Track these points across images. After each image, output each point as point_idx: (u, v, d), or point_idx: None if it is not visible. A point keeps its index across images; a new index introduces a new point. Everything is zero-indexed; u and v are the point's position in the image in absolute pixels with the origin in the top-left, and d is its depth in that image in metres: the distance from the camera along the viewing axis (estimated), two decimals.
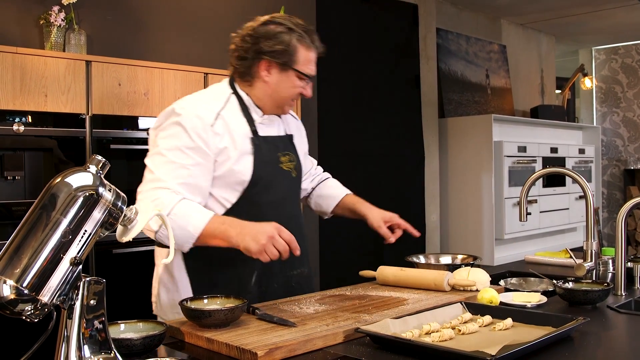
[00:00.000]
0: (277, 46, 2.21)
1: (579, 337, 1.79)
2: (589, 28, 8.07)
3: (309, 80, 2.31)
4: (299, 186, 2.48)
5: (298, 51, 2.23)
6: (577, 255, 2.72)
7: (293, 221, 2.34)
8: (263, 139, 2.28)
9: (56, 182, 1.37)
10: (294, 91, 2.28)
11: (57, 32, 3.52)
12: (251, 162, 2.21)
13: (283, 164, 2.33)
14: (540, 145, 6.54)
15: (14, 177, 3.22)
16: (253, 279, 2.26)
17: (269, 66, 2.24)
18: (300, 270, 2.40)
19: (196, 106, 2.20)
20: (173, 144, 2.13)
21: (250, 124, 2.27)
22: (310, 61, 2.27)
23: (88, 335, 1.40)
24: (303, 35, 2.24)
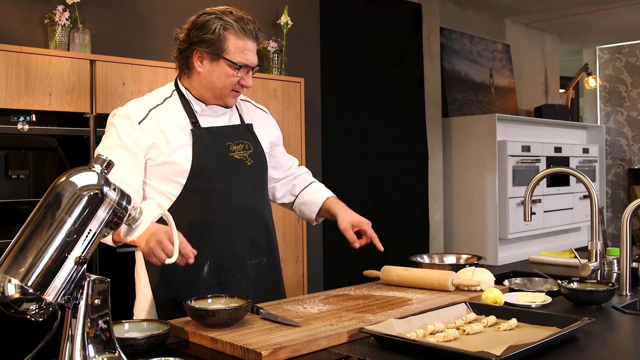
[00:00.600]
0: (205, 35, 2.22)
1: (584, 337, 1.79)
2: (593, 27, 8.05)
3: (247, 69, 2.27)
4: (260, 174, 2.44)
5: (227, 40, 2.22)
6: (582, 255, 2.72)
7: (248, 209, 2.34)
8: (206, 130, 2.28)
9: (61, 182, 1.37)
10: (228, 81, 2.26)
11: (61, 31, 3.52)
12: (190, 153, 2.22)
13: (235, 152, 2.32)
14: (544, 144, 6.53)
15: (18, 176, 3.22)
16: (205, 270, 2.24)
17: (200, 56, 2.26)
18: (258, 259, 2.37)
19: (129, 107, 2.26)
20: (105, 143, 2.22)
21: (191, 116, 2.28)
22: (243, 50, 2.24)
23: (92, 334, 1.40)
24: (232, 23, 2.22)
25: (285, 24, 4.58)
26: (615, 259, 2.69)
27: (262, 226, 2.40)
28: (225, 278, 2.27)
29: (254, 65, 2.28)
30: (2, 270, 1.30)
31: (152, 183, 2.25)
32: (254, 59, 2.28)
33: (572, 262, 3.02)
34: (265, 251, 2.40)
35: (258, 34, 2.29)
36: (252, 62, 2.27)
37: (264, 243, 2.40)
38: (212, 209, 2.24)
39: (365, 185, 5.50)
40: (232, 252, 2.28)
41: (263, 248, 2.39)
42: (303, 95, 4.53)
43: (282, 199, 2.70)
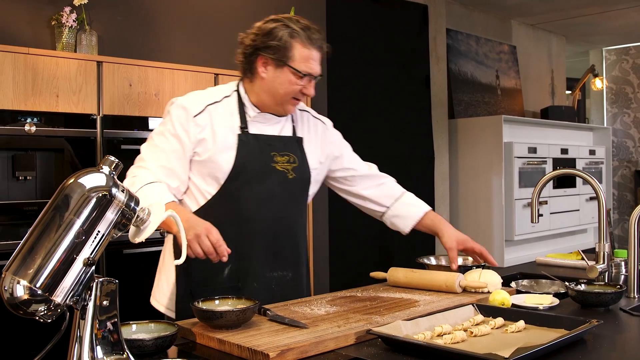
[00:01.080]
0: (272, 42, 2.24)
1: (592, 340, 1.78)
2: (600, 28, 8.04)
3: (311, 78, 2.30)
4: (300, 189, 2.43)
5: (293, 48, 2.24)
6: (588, 256, 2.72)
7: (282, 222, 2.35)
8: (253, 136, 2.30)
9: (69, 183, 1.37)
10: (291, 88, 2.27)
11: (68, 32, 3.53)
12: (233, 156, 2.25)
13: (278, 163, 2.33)
14: (550, 146, 6.52)
15: (25, 177, 3.23)
16: (225, 272, 2.26)
17: (265, 62, 2.27)
18: (281, 273, 2.36)
19: (188, 98, 2.30)
20: (160, 130, 2.28)
21: (242, 120, 2.30)
22: (308, 59, 2.26)
23: (101, 336, 1.40)
24: (299, 32, 2.24)
25: None
26: (622, 261, 2.68)
27: (290, 240, 2.40)
28: (242, 284, 2.28)
29: (317, 75, 2.30)
30: (10, 271, 1.30)
31: (192, 177, 2.29)
32: (317, 69, 2.30)
33: (579, 264, 3.01)
34: (290, 266, 2.40)
35: (323, 44, 2.32)
36: (316, 71, 2.29)
37: (290, 257, 2.40)
38: (242, 215, 2.25)
39: None
40: (253, 260, 2.28)
41: (289, 262, 2.39)
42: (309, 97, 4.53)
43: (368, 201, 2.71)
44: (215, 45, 4.40)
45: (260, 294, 2.24)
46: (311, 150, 2.48)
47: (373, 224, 2.81)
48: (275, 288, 2.33)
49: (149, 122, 3.66)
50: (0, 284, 1.30)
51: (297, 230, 2.44)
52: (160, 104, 3.71)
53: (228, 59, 4.39)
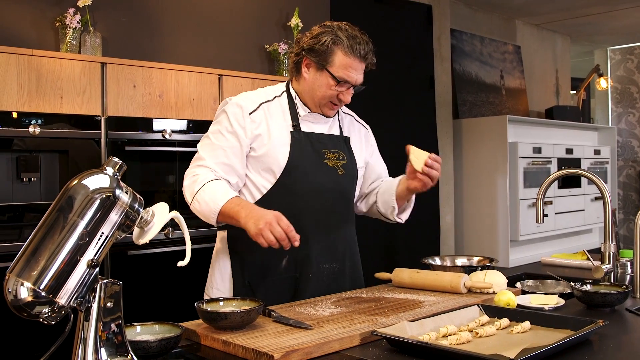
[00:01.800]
0: (316, 45, 2.34)
1: (598, 340, 1.77)
2: (604, 28, 8.02)
3: (348, 86, 2.37)
4: (349, 185, 2.53)
5: (334, 53, 2.33)
6: (594, 257, 2.71)
7: (333, 216, 2.45)
8: (305, 134, 2.41)
9: (73, 185, 1.37)
10: (328, 93, 2.37)
11: (72, 34, 3.53)
12: (288, 151, 2.34)
13: (329, 160, 2.43)
14: (555, 146, 6.51)
15: (29, 179, 3.23)
16: (283, 262, 2.35)
17: (308, 64, 2.38)
18: (331, 265, 2.44)
19: (242, 97, 2.41)
20: (216, 128, 2.37)
21: (294, 119, 2.41)
22: (347, 67, 2.33)
23: (105, 337, 1.40)
24: (343, 40, 2.33)
25: (296, 25, 4.58)
26: (628, 261, 2.67)
27: (341, 234, 2.49)
28: (299, 274, 2.36)
29: (355, 84, 2.38)
30: (14, 273, 1.30)
31: (247, 173, 2.38)
32: (357, 78, 2.37)
33: (585, 264, 3.00)
34: (340, 259, 2.47)
35: (368, 55, 2.37)
36: (355, 80, 2.36)
37: (341, 251, 2.48)
38: (297, 207, 2.32)
39: None
40: (309, 251, 2.36)
41: (339, 256, 2.47)
42: None
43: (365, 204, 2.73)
44: (219, 46, 4.40)
45: (314, 284, 2.36)
46: (357, 150, 2.59)
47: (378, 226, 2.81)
48: (325, 280, 2.41)
49: (153, 123, 3.65)
50: (4, 285, 1.30)
51: (348, 225, 2.54)
52: (165, 105, 3.71)
53: (232, 60, 4.40)
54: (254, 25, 4.60)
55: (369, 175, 2.70)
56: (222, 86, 3.97)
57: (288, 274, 2.35)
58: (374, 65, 2.43)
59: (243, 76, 4.11)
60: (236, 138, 2.32)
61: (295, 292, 2.36)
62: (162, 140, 3.66)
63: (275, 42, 4.59)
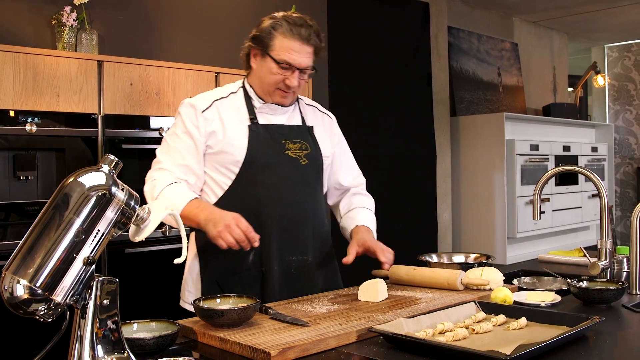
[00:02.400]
0: (257, 33, 2.36)
1: (594, 336, 1.78)
2: (602, 25, 8.02)
3: (293, 69, 2.32)
4: (313, 174, 2.49)
5: (275, 38, 2.31)
6: (591, 254, 2.71)
7: (299, 206, 2.41)
8: (263, 126, 2.39)
9: (69, 182, 1.37)
10: (273, 78, 2.34)
11: (69, 32, 3.53)
12: (245, 145, 2.33)
13: (290, 150, 2.41)
14: (552, 143, 6.51)
15: (26, 177, 3.23)
16: (250, 258, 2.34)
17: (255, 53, 2.39)
18: (298, 257, 2.41)
19: (196, 97, 2.42)
20: (172, 131, 2.39)
21: (250, 112, 2.40)
22: (288, 49, 2.29)
23: (101, 335, 1.40)
24: (282, 23, 2.30)
25: None
26: (625, 258, 2.67)
27: (309, 225, 2.45)
28: (265, 268, 2.34)
29: (299, 67, 2.32)
30: (10, 271, 1.30)
31: (207, 171, 2.38)
32: (300, 60, 2.31)
33: (582, 261, 3.00)
34: (311, 250, 2.45)
35: (311, 38, 2.33)
36: (298, 62, 2.31)
37: (311, 242, 2.45)
38: (261, 201, 2.32)
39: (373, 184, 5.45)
40: (273, 244, 2.35)
41: (307, 248, 2.44)
42: (311, 95, 4.53)
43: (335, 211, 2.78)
44: (216, 44, 4.39)
45: (281, 277, 2.34)
46: (322, 140, 2.56)
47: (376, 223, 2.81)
48: (294, 272, 2.39)
49: (150, 121, 3.65)
50: (0, 283, 1.30)
51: (316, 216, 2.49)
52: (162, 103, 3.71)
53: (229, 58, 4.39)
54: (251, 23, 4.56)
55: (337, 168, 2.67)
56: (219, 84, 3.97)
57: (255, 269, 2.34)
58: (322, 49, 2.39)
59: (240, 74, 4.08)
60: (191, 138, 2.32)
61: (263, 286, 2.33)
62: (159, 138, 3.66)
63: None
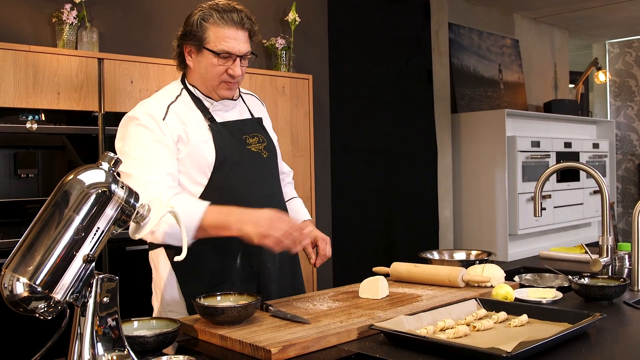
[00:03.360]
0: (189, 28, 2.24)
1: (595, 333, 1.77)
2: (603, 22, 8.01)
3: (234, 57, 2.24)
4: (275, 166, 2.46)
5: (207, 30, 2.22)
6: (592, 250, 2.70)
7: (271, 199, 2.36)
8: (222, 124, 2.30)
9: (69, 180, 1.36)
10: (215, 71, 2.24)
11: (69, 30, 3.52)
12: (212, 147, 2.24)
13: (252, 145, 2.35)
14: (553, 140, 6.50)
15: (27, 175, 3.23)
16: (238, 261, 2.26)
17: (190, 51, 2.28)
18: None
19: (147, 106, 2.25)
20: (139, 144, 2.18)
21: (204, 112, 2.29)
22: (224, 38, 2.21)
23: (101, 332, 1.40)
24: (212, 13, 2.22)
25: (294, 20, 4.58)
26: (626, 254, 2.67)
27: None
28: (257, 267, 2.29)
29: (239, 54, 2.24)
30: (10, 268, 1.29)
31: (181, 175, 2.24)
32: (239, 47, 2.24)
33: (583, 258, 3.00)
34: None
35: (244, 22, 2.26)
36: (237, 50, 2.23)
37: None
38: (236, 201, 2.18)
39: (374, 181, 5.49)
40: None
41: None
42: (311, 92, 4.53)
43: None
44: None
45: (273, 272, 2.30)
46: (269, 129, 2.51)
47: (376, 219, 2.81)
48: (279, 265, 2.35)
49: None
50: (0, 281, 1.30)
51: (282, 204, 2.46)
52: None
53: None
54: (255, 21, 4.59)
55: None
56: None
57: (245, 271, 2.27)
58: (256, 32, 2.32)
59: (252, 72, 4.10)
60: (165, 145, 2.18)
61: (259, 287, 2.28)
62: None
63: (272, 37, 4.58)
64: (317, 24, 4.94)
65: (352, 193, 5.25)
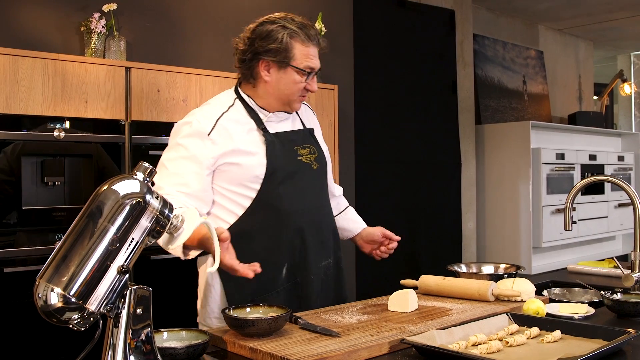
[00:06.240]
0: (272, 45, 2.25)
1: (631, 350, 1.74)
2: (628, 33, 7.96)
3: (313, 74, 2.32)
4: (324, 177, 2.48)
5: (293, 48, 2.25)
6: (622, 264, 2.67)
7: (319, 211, 2.42)
8: (275, 135, 2.32)
9: (103, 190, 1.36)
10: (296, 87, 2.29)
11: (97, 38, 3.54)
12: (264, 157, 2.26)
13: (303, 156, 2.37)
14: (578, 152, 6.46)
15: (54, 183, 3.23)
16: (283, 272, 2.29)
17: (267, 66, 2.28)
18: (326, 261, 2.41)
19: (195, 117, 2.26)
20: (172, 156, 2.23)
21: (258, 123, 2.31)
22: (308, 56, 2.28)
23: (134, 345, 1.39)
24: (297, 31, 2.26)
25: (319, 30, 4.57)
26: None
27: (329, 228, 2.47)
28: (301, 279, 2.31)
29: (318, 69, 2.32)
30: (44, 279, 1.29)
31: (228, 188, 2.27)
32: (318, 63, 2.32)
33: (612, 272, 2.96)
34: (332, 253, 2.45)
35: (320, 39, 2.34)
36: (317, 66, 2.31)
37: (332, 245, 2.45)
38: (286, 211, 2.27)
39: (398, 192, 5.47)
40: (306, 253, 2.32)
41: (331, 250, 2.44)
42: (337, 102, 4.52)
43: None
44: None
45: (317, 285, 2.33)
46: (320, 141, 2.55)
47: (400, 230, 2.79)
48: (324, 277, 2.38)
49: None
50: (34, 291, 1.30)
51: (332, 218, 2.52)
52: (188, 109, 3.68)
53: None
54: None
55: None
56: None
57: (289, 282, 2.29)
58: (326, 48, 2.38)
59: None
60: (193, 163, 2.20)
61: (301, 298, 2.31)
62: None
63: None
64: (342, 35, 4.93)
65: (376, 203, 5.22)
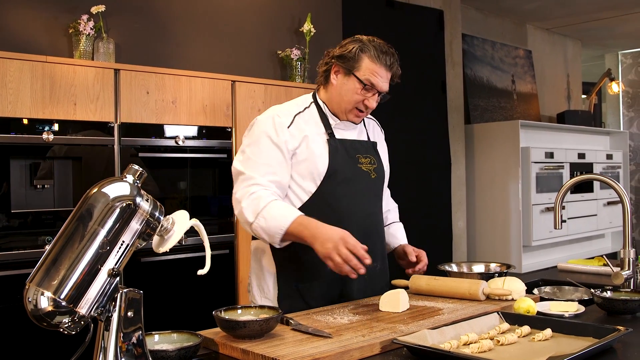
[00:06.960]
0: (344, 52, 2.44)
1: (622, 347, 1.75)
2: (615, 32, 7.99)
3: (374, 92, 2.44)
4: (380, 187, 2.63)
5: (361, 59, 2.41)
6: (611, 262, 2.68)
7: (370, 218, 2.54)
8: (340, 141, 2.49)
9: (93, 193, 1.36)
10: (354, 97, 2.43)
11: (86, 40, 3.53)
12: (327, 158, 2.42)
13: (363, 164, 2.53)
14: (567, 150, 6.48)
15: (43, 186, 3.23)
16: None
17: (337, 70, 2.47)
18: (373, 265, 2.39)
19: (276, 112, 2.46)
20: (257, 147, 2.40)
21: (327, 127, 2.49)
22: (373, 72, 2.41)
23: (125, 348, 1.38)
24: (369, 47, 2.42)
25: (309, 31, 4.57)
26: None
27: (378, 235, 2.59)
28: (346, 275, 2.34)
29: (381, 91, 2.45)
30: (34, 282, 1.28)
31: (293, 176, 2.43)
32: (382, 85, 2.44)
33: (602, 270, 2.97)
34: (378, 258, 2.52)
35: (393, 66, 2.48)
36: (380, 86, 2.44)
37: (378, 251, 2.55)
38: (340, 211, 2.41)
39: None
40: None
41: (377, 255, 2.50)
42: None
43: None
44: (232, 52, 4.39)
45: (359, 283, 2.41)
46: (383, 155, 2.71)
47: None
48: (367, 279, 2.41)
49: (166, 130, 3.65)
50: (24, 295, 1.29)
51: (381, 226, 2.66)
52: (178, 111, 3.70)
53: (245, 66, 4.39)
54: (266, 31, 4.59)
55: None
56: (234, 92, 3.96)
57: (334, 275, 2.32)
58: (398, 78, 2.52)
59: (255, 82, 4.10)
60: (279, 152, 2.38)
61: (342, 292, 2.43)
62: (175, 146, 3.66)
63: (287, 47, 4.58)
64: (332, 35, 4.92)
65: None
